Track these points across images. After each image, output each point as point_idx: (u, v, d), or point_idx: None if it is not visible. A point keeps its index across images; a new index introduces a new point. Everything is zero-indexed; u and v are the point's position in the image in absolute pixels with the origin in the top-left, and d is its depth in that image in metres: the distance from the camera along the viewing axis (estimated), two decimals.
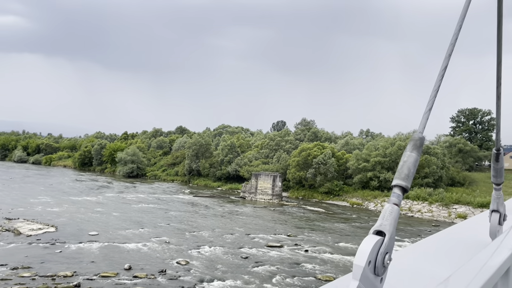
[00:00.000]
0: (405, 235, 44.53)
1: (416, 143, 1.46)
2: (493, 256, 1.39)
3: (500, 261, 1.37)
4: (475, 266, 1.29)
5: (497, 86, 2.77)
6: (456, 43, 1.55)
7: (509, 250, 1.49)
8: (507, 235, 1.75)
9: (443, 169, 69.78)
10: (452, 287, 1.13)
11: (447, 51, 1.86)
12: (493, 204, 2.91)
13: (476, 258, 1.37)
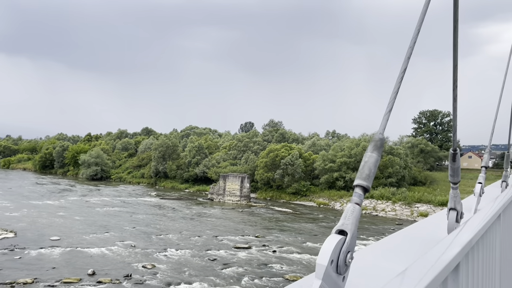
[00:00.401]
0: (370, 233, 45.58)
1: (377, 144, 1.48)
2: (446, 252, 1.43)
3: (450, 256, 1.41)
4: (428, 260, 1.32)
5: (453, 88, 2.88)
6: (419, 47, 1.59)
7: (460, 246, 1.53)
8: (460, 232, 1.82)
9: (406, 169, 71.93)
10: (406, 279, 1.16)
11: (406, 54, 1.91)
12: (451, 202, 3.01)
13: (429, 253, 1.41)
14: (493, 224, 2.52)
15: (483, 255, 2.18)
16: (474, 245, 1.89)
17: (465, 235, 1.75)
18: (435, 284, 1.22)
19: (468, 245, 1.68)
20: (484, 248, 2.22)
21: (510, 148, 8.86)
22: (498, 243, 2.85)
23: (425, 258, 1.34)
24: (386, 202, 64.05)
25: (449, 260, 1.38)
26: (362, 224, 52.24)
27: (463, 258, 1.67)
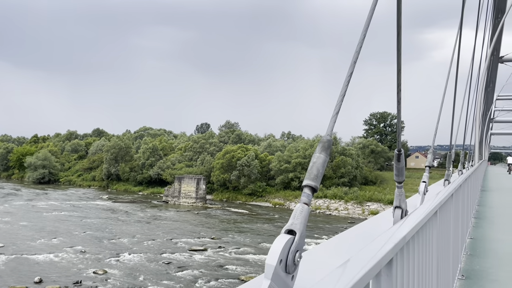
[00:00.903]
0: (324, 232, 46.59)
1: (325, 145, 1.51)
2: (382, 247, 1.48)
3: (384, 252, 1.45)
4: (363, 256, 1.37)
5: (397, 92, 3.00)
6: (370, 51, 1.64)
7: (393, 243, 1.57)
8: (398, 228, 1.90)
9: (358, 169, 74.19)
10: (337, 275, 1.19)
11: (352, 58, 1.97)
12: (396, 201, 3.13)
13: (365, 249, 1.45)
14: (429, 220, 2.64)
15: (419, 249, 2.27)
16: (409, 240, 1.96)
17: (400, 232, 1.80)
18: (368, 278, 1.26)
19: (402, 241, 1.71)
20: (420, 243, 2.33)
21: (452, 149, 9.38)
22: (435, 238, 2.98)
23: (361, 254, 1.38)
24: (339, 201, 65.75)
25: (383, 255, 1.41)
26: (316, 223, 53.32)
27: (398, 253, 1.71)
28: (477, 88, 21.34)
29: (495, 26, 36.43)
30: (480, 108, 29.24)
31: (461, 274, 5.88)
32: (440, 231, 3.31)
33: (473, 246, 7.91)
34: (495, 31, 29.74)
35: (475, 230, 9.75)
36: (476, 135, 22.75)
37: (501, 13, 37.99)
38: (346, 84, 1.88)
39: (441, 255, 3.45)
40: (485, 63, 25.33)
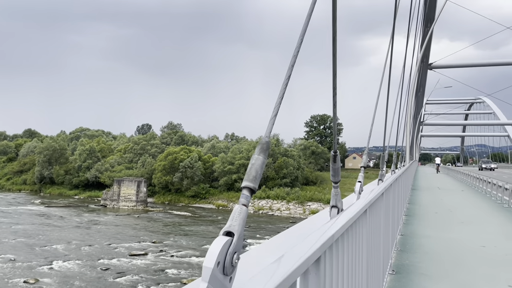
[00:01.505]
0: (266, 232, 47.15)
1: (263, 147, 1.52)
2: (312, 246, 1.51)
3: (312, 250, 1.48)
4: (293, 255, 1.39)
5: (333, 95, 3.10)
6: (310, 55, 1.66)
7: (321, 242, 1.60)
8: (330, 226, 1.96)
9: (299, 170, 75.95)
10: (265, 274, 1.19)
11: (290, 62, 2.00)
12: (333, 200, 3.23)
13: (295, 248, 1.47)
14: (359, 218, 2.75)
15: (349, 247, 2.34)
16: (339, 238, 2.03)
17: (329, 230, 1.85)
18: (295, 276, 1.27)
19: (330, 239, 1.75)
20: (350, 240, 2.40)
21: (385, 150, 9.88)
22: (365, 236, 3.11)
23: (289, 253, 1.39)
24: (281, 201, 66.89)
25: (310, 253, 1.44)
26: (259, 224, 53.85)
27: (327, 250, 1.75)
28: (408, 93, 22.70)
29: (425, 35, 39.00)
30: (411, 111, 31.15)
31: (392, 269, 6.20)
32: (370, 228, 3.43)
33: (403, 242, 8.37)
34: (424, 40, 31.84)
35: (406, 227, 10.32)
36: (407, 137, 24.16)
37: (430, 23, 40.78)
38: (284, 87, 1.90)
39: (372, 252, 3.58)
40: (416, 69, 27.03)
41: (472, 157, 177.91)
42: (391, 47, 9.06)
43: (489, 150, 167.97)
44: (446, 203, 16.42)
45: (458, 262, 6.96)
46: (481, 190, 22.44)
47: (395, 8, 9.13)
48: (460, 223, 11.17)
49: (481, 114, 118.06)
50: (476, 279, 5.99)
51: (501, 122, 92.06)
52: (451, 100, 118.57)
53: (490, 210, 14.41)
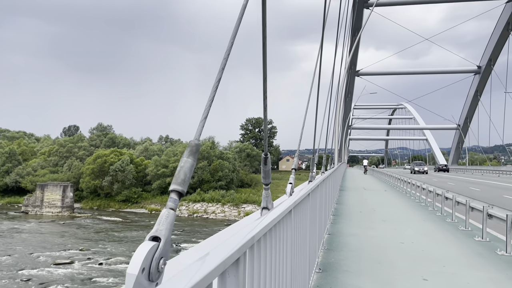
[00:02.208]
0: (201, 236, 46.72)
1: (193, 149, 1.50)
2: (232, 247, 1.53)
3: (232, 251, 1.48)
4: (215, 254, 1.40)
5: (263, 99, 3.19)
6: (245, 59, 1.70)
7: (240, 244, 1.60)
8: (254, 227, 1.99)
9: (234, 172, 76.22)
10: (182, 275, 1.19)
11: (220, 65, 2.04)
12: (264, 202, 3.30)
13: (215, 249, 1.48)
14: (283, 219, 2.82)
15: (271, 247, 2.38)
16: (261, 239, 2.07)
17: (252, 231, 1.87)
18: (211, 278, 1.27)
19: (250, 241, 1.76)
20: (273, 241, 2.44)
21: (315, 153, 10.28)
22: (290, 236, 3.18)
23: (211, 254, 1.39)
24: (216, 204, 66.64)
25: (229, 254, 1.43)
26: (193, 227, 53.21)
27: (248, 251, 1.77)
28: (337, 98, 23.76)
29: (353, 43, 41.05)
30: (340, 115, 32.63)
31: (319, 268, 6.46)
32: (295, 228, 3.51)
33: (330, 241, 8.75)
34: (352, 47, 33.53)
35: (333, 226, 10.80)
36: (336, 140, 25.25)
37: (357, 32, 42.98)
38: (214, 89, 1.92)
39: (297, 251, 3.66)
40: (344, 75, 28.39)
41: (395, 159, 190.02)
42: (320, 53, 9.47)
43: (410, 153, 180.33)
44: (370, 202, 17.39)
45: (379, 258, 7.42)
46: (402, 190, 24.04)
47: (324, 17, 9.55)
48: (382, 222, 11.90)
49: (403, 119, 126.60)
50: (395, 274, 6.43)
51: (420, 127, 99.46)
52: (376, 106, 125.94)
53: (409, 208, 15.50)
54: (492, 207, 9.42)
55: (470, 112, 77.13)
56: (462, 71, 73.27)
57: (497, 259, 7.44)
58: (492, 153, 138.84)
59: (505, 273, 6.53)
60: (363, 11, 53.81)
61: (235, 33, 2.23)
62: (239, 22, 2.27)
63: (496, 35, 61.92)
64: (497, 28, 61.30)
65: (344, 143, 71.45)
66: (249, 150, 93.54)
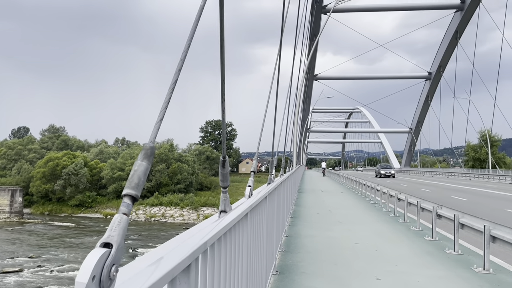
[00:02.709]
0: (159, 240, 45.84)
1: (147, 152, 1.46)
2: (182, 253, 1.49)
3: (182, 257, 1.44)
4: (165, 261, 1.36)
5: (221, 101, 3.17)
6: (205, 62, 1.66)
7: (191, 249, 1.57)
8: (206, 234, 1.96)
9: (194, 175, 75.44)
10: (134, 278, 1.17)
11: (177, 66, 2.00)
12: (222, 205, 3.27)
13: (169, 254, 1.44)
14: (239, 222, 2.79)
15: (226, 251, 2.35)
16: (215, 243, 2.04)
17: (205, 237, 1.84)
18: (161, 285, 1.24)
19: (203, 246, 1.73)
20: (228, 245, 2.42)
21: (275, 155, 10.37)
22: (246, 239, 3.16)
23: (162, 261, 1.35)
24: (174, 208, 65.66)
25: (179, 261, 1.39)
26: (151, 232, 52.13)
27: (201, 256, 1.74)
28: (296, 101, 24.12)
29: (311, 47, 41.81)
30: (299, 119, 33.14)
31: (276, 270, 6.47)
32: (252, 231, 3.49)
33: (288, 243, 8.82)
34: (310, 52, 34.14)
35: (291, 228, 10.91)
36: (295, 143, 25.60)
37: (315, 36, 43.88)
38: (171, 91, 1.88)
39: (254, 254, 3.64)
40: (303, 79, 28.87)
41: (351, 162, 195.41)
42: (279, 57, 9.58)
43: (365, 155, 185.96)
44: (327, 204, 17.75)
45: (335, 259, 7.57)
46: (357, 191, 24.73)
47: (282, 21, 9.67)
48: (338, 223, 12.17)
49: (358, 122, 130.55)
50: (349, 274, 6.58)
51: (375, 130, 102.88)
52: (333, 109, 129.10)
53: (365, 210, 15.96)
54: (441, 207, 9.87)
55: (421, 116, 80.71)
56: (414, 77, 76.65)
57: (445, 258, 7.80)
58: (442, 156, 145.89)
59: (453, 271, 6.85)
60: (321, 17, 55.06)
61: (192, 34, 2.21)
62: (196, 23, 2.25)
63: (445, 43, 65.25)
64: (446, 36, 64.62)
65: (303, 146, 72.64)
66: (208, 152, 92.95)
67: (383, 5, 60.51)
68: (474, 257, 7.84)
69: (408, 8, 62.60)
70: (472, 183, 40.90)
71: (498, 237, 6.73)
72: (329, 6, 49.05)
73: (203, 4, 2.42)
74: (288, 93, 15.67)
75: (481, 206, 17.79)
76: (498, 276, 6.53)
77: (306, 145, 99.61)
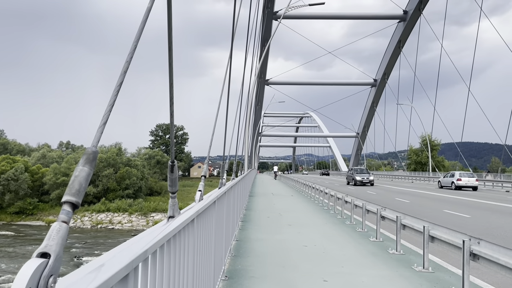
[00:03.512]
0: (105, 248, 44.23)
1: (89, 157, 1.43)
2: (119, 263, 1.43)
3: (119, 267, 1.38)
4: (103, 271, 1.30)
5: (170, 105, 3.13)
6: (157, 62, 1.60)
7: (130, 258, 1.50)
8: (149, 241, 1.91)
9: (143, 180, 73.60)
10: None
11: (122, 68, 1.96)
12: (170, 211, 3.21)
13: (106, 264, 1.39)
14: (185, 228, 2.74)
15: (170, 259, 2.31)
16: (157, 250, 2.00)
17: (148, 243, 1.80)
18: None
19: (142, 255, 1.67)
20: (172, 252, 2.37)
21: (226, 159, 10.37)
22: (192, 245, 3.10)
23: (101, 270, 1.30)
24: (123, 214, 63.65)
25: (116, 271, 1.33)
26: (97, 239, 50.18)
27: (141, 265, 1.68)
28: (248, 106, 24.26)
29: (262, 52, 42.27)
30: (251, 123, 33.37)
31: (225, 275, 6.43)
32: (199, 237, 3.45)
33: (237, 248, 8.81)
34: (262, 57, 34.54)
35: (241, 232, 10.93)
36: (246, 147, 25.73)
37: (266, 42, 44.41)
38: (115, 94, 1.84)
39: (201, 260, 3.59)
40: (254, 83, 29.12)
41: (302, 165, 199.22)
42: (230, 61, 9.61)
43: (315, 159, 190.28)
44: (278, 207, 17.97)
45: (283, 262, 7.67)
46: (307, 195, 25.23)
47: (233, 25, 9.72)
48: (288, 226, 12.35)
49: (308, 127, 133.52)
50: (297, 276, 6.69)
51: (324, 134, 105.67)
52: (284, 114, 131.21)
53: (313, 212, 16.31)
54: (384, 209, 10.31)
55: (367, 121, 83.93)
56: (361, 84, 79.63)
57: (388, 258, 8.14)
58: (387, 159, 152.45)
59: (395, 270, 7.17)
60: (272, 22, 55.87)
61: (139, 36, 2.18)
62: (143, 25, 2.22)
63: (389, 51, 68.39)
64: (390, 45, 67.75)
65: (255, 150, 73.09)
66: (159, 157, 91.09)
67: (331, 13, 62.43)
68: (415, 256, 8.25)
69: (355, 17, 65.08)
70: (414, 185, 43.06)
71: (436, 236, 7.12)
72: (280, 13, 49.91)
73: (150, 5, 2.39)
74: (240, 97, 15.73)
75: (422, 207, 18.76)
76: (437, 274, 6.91)
77: (258, 149, 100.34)
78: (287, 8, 26.44)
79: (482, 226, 12.95)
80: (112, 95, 1.85)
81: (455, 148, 61.37)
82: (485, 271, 6.79)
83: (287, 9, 27.03)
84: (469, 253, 5.79)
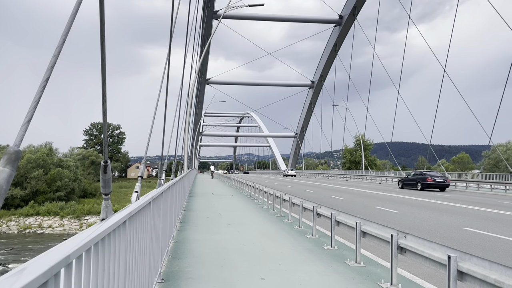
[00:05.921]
0: (33, 254, 41.56)
1: (11, 157, 1.35)
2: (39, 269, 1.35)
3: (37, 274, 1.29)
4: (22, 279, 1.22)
5: (102, 102, 3.01)
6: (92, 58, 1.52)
7: (49, 264, 1.41)
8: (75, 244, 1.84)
9: (76, 182, 70.11)
10: None
11: (49, 63, 1.86)
12: (103, 213, 3.08)
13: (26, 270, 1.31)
14: (115, 231, 2.63)
15: (98, 264, 2.23)
16: (83, 255, 1.93)
17: (72, 248, 1.72)
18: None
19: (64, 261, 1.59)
20: (99, 256, 2.28)
21: (165, 159, 10.16)
22: (124, 249, 2.99)
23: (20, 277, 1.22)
24: (53, 217, 60.15)
25: (32, 278, 1.24)
26: (25, 244, 47.01)
27: (63, 271, 1.60)
28: (187, 105, 23.96)
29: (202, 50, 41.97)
30: (191, 122, 32.96)
31: (162, 278, 6.28)
32: (131, 239, 3.33)
33: (175, 249, 8.67)
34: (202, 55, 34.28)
35: (179, 233, 10.76)
36: (186, 146, 25.38)
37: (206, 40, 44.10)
38: (41, 90, 1.75)
39: (134, 264, 3.47)
40: (194, 82, 28.80)
41: (243, 165, 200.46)
42: (168, 59, 9.44)
43: (255, 159, 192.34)
44: (217, 207, 17.94)
45: (222, 261, 7.66)
46: (247, 194, 25.44)
47: (172, 23, 9.56)
48: (227, 225, 12.37)
49: (249, 127, 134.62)
50: (235, 275, 6.72)
51: (264, 134, 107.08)
52: (225, 114, 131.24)
53: (253, 211, 16.47)
54: (320, 207, 10.66)
55: (305, 122, 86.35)
56: (300, 85, 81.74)
57: (323, 254, 8.44)
58: (323, 158, 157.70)
59: (329, 265, 7.44)
60: (212, 21, 55.64)
61: (68, 30, 2.08)
62: (72, 18, 2.14)
63: (326, 54, 70.85)
64: (326, 48, 70.20)
65: (195, 149, 72.29)
66: (93, 157, 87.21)
67: (271, 15, 63.49)
68: (348, 251, 8.62)
69: (294, 20, 66.66)
70: (348, 183, 45.00)
71: (368, 232, 7.49)
72: (220, 12, 49.85)
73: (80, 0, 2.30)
74: (179, 96, 15.48)
75: (355, 204, 19.65)
76: (368, 268, 7.27)
77: (198, 149, 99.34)
78: (226, 7, 26.47)
79: (410, 221, 13.83)
80: (38, 91, 1.77)
81: (386, 147, 64.98)
82: (412, 263, 7.27)
83: (227, 9, 27.07)
84: (397, 247, 6.16)
